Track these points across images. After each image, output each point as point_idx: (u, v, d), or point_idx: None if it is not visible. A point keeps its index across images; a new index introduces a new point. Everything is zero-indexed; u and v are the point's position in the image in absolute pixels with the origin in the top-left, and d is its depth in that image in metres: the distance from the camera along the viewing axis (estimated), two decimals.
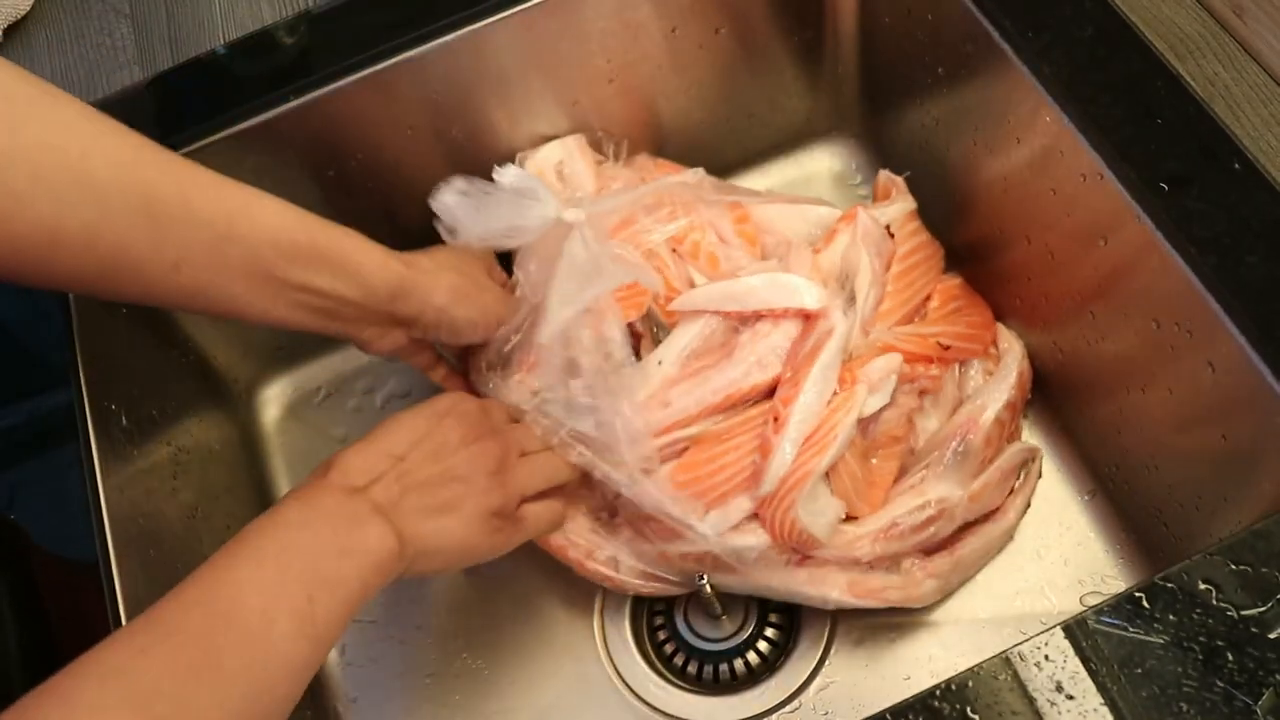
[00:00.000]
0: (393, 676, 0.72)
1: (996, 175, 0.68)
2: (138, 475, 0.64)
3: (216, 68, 0.73)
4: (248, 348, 0.81)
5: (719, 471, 0.63)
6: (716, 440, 0.64)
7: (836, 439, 0.62)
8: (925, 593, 0.65)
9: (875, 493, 0.66)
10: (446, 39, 0.69)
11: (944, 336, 0.69)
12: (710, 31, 0.76)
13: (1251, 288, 0.52)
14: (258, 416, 0.83)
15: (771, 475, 0.61)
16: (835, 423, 0.62)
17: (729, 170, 0.86)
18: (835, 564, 0.64)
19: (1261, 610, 0.45)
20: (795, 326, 0.65)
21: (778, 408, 0.63)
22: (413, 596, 0.74)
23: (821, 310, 0.64)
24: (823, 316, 0.64)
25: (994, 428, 0.67)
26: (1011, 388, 0.69)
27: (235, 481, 0.76)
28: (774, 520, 0.62)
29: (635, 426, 0.62)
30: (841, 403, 0.63)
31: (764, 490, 0.61)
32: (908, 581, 0.65)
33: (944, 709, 0.44)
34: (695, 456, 0.64)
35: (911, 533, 0.64)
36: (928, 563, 0.66)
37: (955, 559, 0.66)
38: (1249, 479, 0.55)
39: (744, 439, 0.64)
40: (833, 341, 0.63)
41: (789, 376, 0.64)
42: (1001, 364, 0.71)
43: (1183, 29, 0.62)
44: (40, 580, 0.60)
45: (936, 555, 0.66)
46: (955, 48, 0.66)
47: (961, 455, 0.66)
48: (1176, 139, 0.56)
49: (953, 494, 0.65)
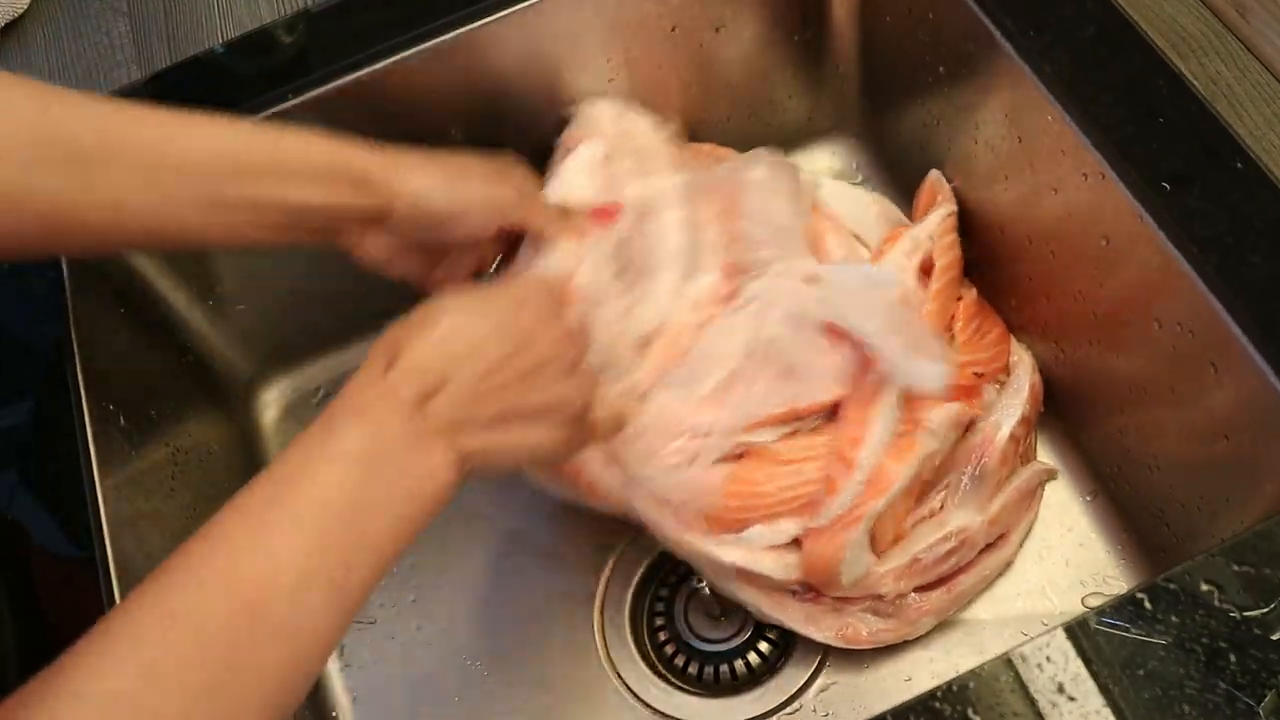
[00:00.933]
0: (392, 677, 0.72)
1: (997, 175, 0.67)
2: (136, 475, 0.63)
3: (215, 66, 0.73)
4: (247, 347, 0.81)
5: (776, 492, 0.62)
6: (776, 460, 0.62)
7: (894, 486, 0.61)
8: (921, 629, 0.65)
9: (891, 525, 0.64)
10: (446, 38, 0.69)
11: (977, 364, 0.68)
12: (710, 30, 0.76)
13: (1254, 287, 0.51)
14: (257, 417, 0.83)
15: (830, 512, 0.60)
16: (896, 472, 0.61)
17: None
18: (841, 600, 0.64)
19: (1264, 611, 0.44)
20: (853, 349, 0.62)
21: (845, 448, 0.61)
22: (413, 596, 0.74)
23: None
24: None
25: (1009, 445, 0.66)
26: (1024, 403, 0.68)
27: (234, 482, 0.76)
28: (816, 553, 0.61)
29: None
30: (903, 451, 0.61)
31: (818, 523, 0.61)
32: (902, 623, 0.64)
33: (945, 710, 0.44)
34: (753, 471, 0.62)
35: (934, 565, 0.63)
36: (924, 600, 0.64)
37: (953, 595, 0.65)
38: (1251, 479, 0.55)
39: (806, 466, 0.62)
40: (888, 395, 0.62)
41: (855, 415, 0.62)
42: (1012, 378, 0.69)
43: (1185, 28, 0.62)
44: (39, 580, 0.59)
45: (934, 591, 0.65)
46: (956, 47, 0.66)
47: (977, 479, 0.65)
48: (1179, 138, 0.56)
49: (972, 521, 0.64)
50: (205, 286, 0.76)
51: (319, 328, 0.83)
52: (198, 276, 0.75)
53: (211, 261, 0.75)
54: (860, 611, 0.64)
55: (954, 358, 0.67)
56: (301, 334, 0.83)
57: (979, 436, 0.66)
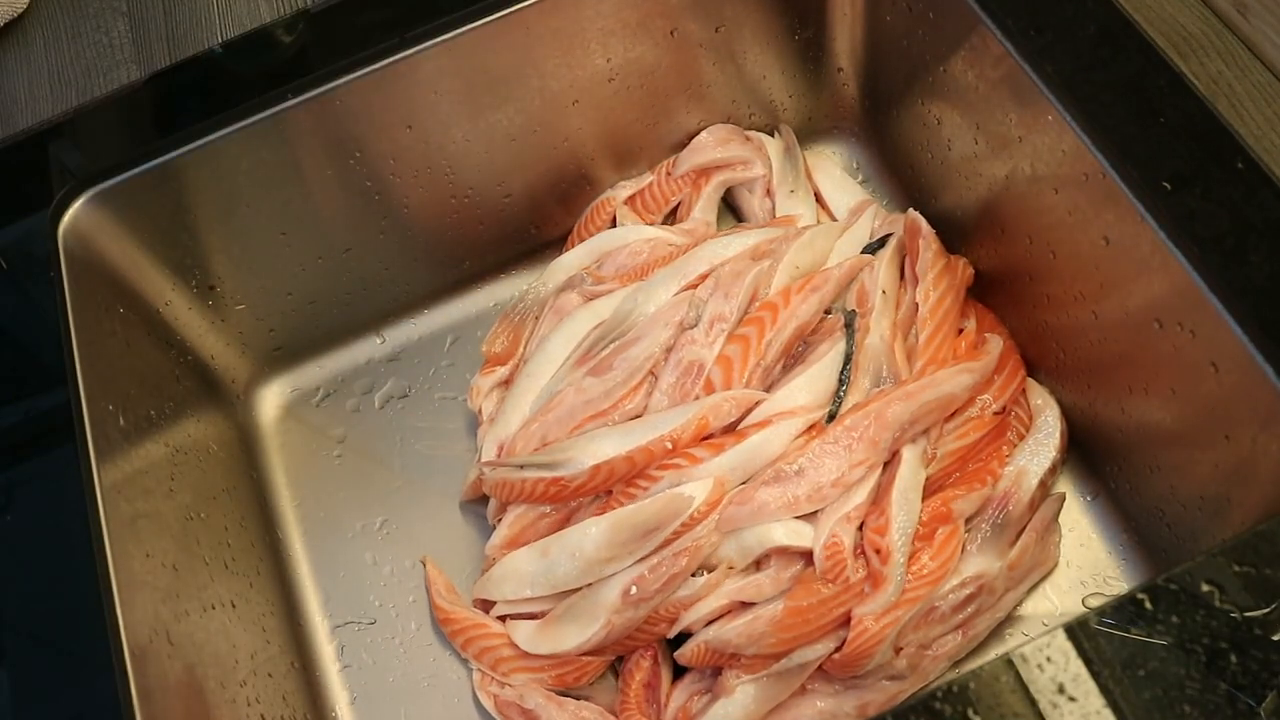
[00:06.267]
0: (391, 678, 0.72)
1: (998, 174, 0.67)
2: (135, 476, 0.63)
3: (214, 66, 0.73)
4: (245, 348, 0.81)
5: (821, 618, 0.62)
6: (810, 590, 0.62)
7: (945, 576, 0.62)
8: (935, 674, 0.64)
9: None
10: (445, 37, 0.69)
11: (994, 400, 0.67)
12: (710, 30, 0.76)
13: (1255, 287, 0.51)
14: (256, 417, 0.83)
15: (883, 600, 0.61)
16: (945, 569, 0.62)
17: None
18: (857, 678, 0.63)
19: (1265, 612, 0.44)
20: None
21: (875, 539, 0.61)
22: (413, 597, 0.74)
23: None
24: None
25: (1037, 492, 0.66)
26: (1055, 449, 0.67)
27: (233, 482, 0.76)
28: (865, 636, 0.60)
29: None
30: (946, 546, 0.62)
31: (871, 609, 0.61)
32: (918, 677, 0.63)
33: (945, 710, 0.44)
34: (799, 601, 0.61)
35: (952, 613, 0.63)
36: (939, 647, 0.64)
37: (968, 638, 0.64)
38: (1252, 480, 0.55)
39: (844, 594, 0.62)
40: (905, 468, 0.63)
41: (874, 505, 0.62)
42: (1039, 423, 0.68)
43: (1185, 27, 0.62)
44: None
45: (948, 636, 0.64)
46: (957, 46, 0.66)
47: (999, 525, 0.65)
48: (1179, 138, 0.56)
49: (990, 567, 0.63)
50: (205, 286, 0.76)
51: (319, 328, 0.83)
52: (198, 276, 0.75)
53: (211, 261, 0.75)
54: (876, 681, 0.63)
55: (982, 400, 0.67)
56: (301, 334, 0.83)
57: (1003, 484, 0.66)
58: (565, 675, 0.66)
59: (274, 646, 0.70)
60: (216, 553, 0.68)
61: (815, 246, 0.72)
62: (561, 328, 0.73)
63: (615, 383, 0.67)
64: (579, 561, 0.64)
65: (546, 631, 0.65)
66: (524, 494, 0.66)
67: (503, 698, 0.67)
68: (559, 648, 0.65)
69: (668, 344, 0.68)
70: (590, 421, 0.67)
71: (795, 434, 0.64)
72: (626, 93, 0.77)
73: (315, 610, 0.75)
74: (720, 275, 0.70)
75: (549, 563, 0.65)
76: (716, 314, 0.68)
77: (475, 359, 0.81)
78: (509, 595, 0.67)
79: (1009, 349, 0.70)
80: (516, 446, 0.69)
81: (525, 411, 0.71)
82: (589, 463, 0.64)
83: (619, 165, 0.83)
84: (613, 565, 0.63)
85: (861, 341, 0.67)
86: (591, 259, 0.79)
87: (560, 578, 0.64)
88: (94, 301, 0.67)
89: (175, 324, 0.75)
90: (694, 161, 0.81)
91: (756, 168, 0.81)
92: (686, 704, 0.64)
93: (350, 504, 0.78)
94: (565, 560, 0.64)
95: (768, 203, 0.81)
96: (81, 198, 0.68)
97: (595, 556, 0.63)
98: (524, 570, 0.66)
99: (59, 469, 0.60)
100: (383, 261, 0.81)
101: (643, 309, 0.71)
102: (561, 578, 0.64)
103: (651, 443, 0.64)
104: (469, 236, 0.82)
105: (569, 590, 0.65)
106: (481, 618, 0.69)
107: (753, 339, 0.67)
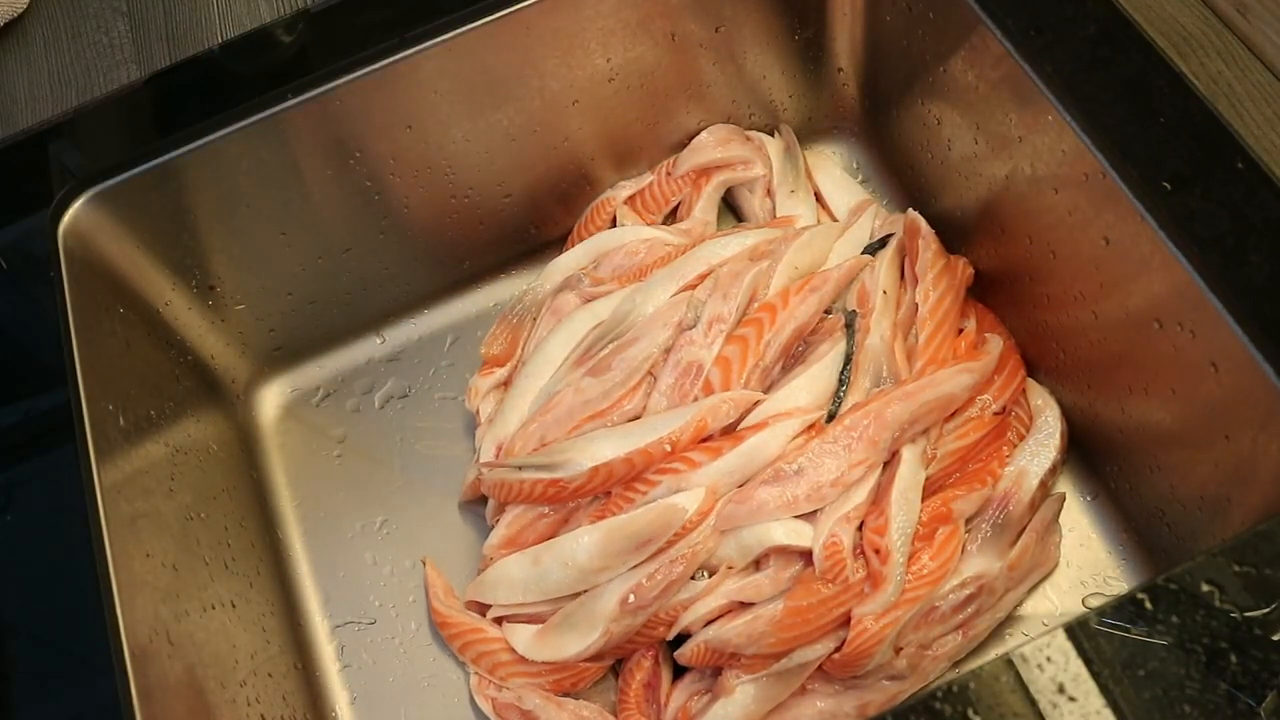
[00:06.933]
0: (391, 678, 0.72)
1: (998, 174, 0.67)
2: (135, 476, 0.63)
3: (214, 66, 0.73)
4: (245, 348, 0.81)
5: (820, 618, 0.62)
6: (810, 590, 0.62)
7: (945, 576, 0.62)
8: (935, 674, 0.64)
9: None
10: (445, 37, 0.69)
11: (994, 400, 0.67)
12: (710, 30, 0.76)
13: (1255, 287, 0.51)
14: (256, 417, 0.83)
15: (882, 600, 0.61)
16: (945, 569, 0.62)
17: None
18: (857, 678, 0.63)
19: (1265, 612, 0.44)
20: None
21: (875, 539, 0.61)
22: (412, 597, 0.74)
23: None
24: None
25: (1037, 493, 0.66)
26: (1055, 450, 0.67)
27: (233, 482, 0.76)
28: (865, 636, 0.60)
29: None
30: (946, 546, 0.62)
31: (871, 609, 0.61)
32: (918, 677, 0.63)
33: (945, 710, 0.44)
34: (799, 601, 0.61)
35: (952, 613, 0.63)
36: (939, 647, 0.64)
37: (968, 638, 0.64)
38: (1252, 479, 0.55)
39: (844, 594, 0.62)
40: (904, 468, 0.63)
41: (874, 505, 0.62)
42: (1040, 424, 0.68)
43: (1185, 27, 0.62)
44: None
45: (948, 636, 0.64)
46: (957, 46, 0.66)
47: (999, 526, 0.65)
48: (1179, 138, 0.56)
49: (990, 567, 0.63)
50: (205, 286, 0.76)
51: (319, 328, 0.83)
52: (197, 276, 0.75)
53: (211, 261, 0.75)
54: (876, 681, 0.63)
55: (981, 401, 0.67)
56: (301, 334, 0.83)
57: (1003, 485, 0.66)
58: (564, 680, 0.66)
59: (274, 646, 0.70)
60: (216, 553, 0.68)
61: (814, 247, 0.72)
62: (560, 328, 0.73)
63: (614, 383, 0.67)
64: (571, 570, 0.64)
65: (545, 639, 0.65)
66: (522, 495, 0.66)
67: (501, 700, 0.67)
68: (558, 655, 0.65)
69: (666, 345, 0.68)
70: (589, 422, 0.67)
71: (793, 435, 0.64)
72: (626, 93, 0.77)
73: (315, 610, 0.75)
74: (719, 276, 0.70)
75: (541, 571, 0.65)
76: (715, 315, 0.68)
77: (475, 359, 0.81)
78: (502, 600, 0.67)
79: (1009, 349, 0.70)
80: (515, 447, 0.69)
81: (524, 412, 0.71)
82: (587, 464, 0.64)
83: (619, 165, 0.83)
84: (605, 574, 0.63)
85: (862, 342, 0.67)
86: (589, 259, 0.79)
87: (552, 586, 0.65)
88: (94, 301, 0.67)
89: (175, 324, 0.75)
90: (694, 161, 0.81)
91: (757, 168, 0.81)
92: (686, 704, 0.64)
93: (350, 504, 0.78)
94: (557, 569, 0.64)
95: (768, 203, 0.81)
96: (81, 198, 0.68)
97: (588, 566, 0.63)
98: (516, 577, 0.66)
99: (59, 469, 0.60)
100: (383, 261, 0.81)
101: (641, 309, 0.71)
102: (554, 586, 0.65)
103: (650, 445, 0.64)
104: (469, 236, 0.82)
105: (563, 596, 0.65)
106: (479, 622, 0.69)
107: (751, 340, 0.67)
